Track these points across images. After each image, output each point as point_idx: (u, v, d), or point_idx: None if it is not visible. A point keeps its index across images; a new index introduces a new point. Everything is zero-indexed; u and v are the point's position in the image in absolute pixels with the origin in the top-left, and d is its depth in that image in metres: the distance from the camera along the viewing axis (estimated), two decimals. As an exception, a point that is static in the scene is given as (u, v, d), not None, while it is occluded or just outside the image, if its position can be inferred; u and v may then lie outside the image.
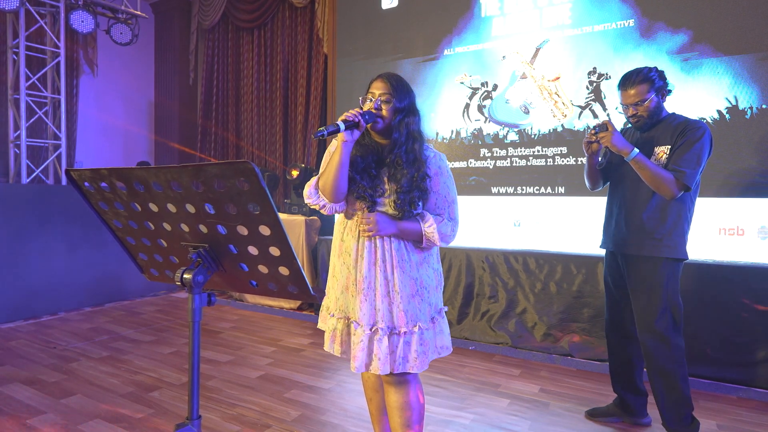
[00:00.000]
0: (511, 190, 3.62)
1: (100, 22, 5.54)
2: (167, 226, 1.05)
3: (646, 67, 1.98)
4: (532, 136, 3.56)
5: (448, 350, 1.58)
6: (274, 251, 0.96)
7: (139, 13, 5.79)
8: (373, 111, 1.48)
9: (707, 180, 2.72)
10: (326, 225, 4.23)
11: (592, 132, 2.00)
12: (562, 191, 3.42)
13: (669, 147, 1.94)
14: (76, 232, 4.13)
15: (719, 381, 2.58)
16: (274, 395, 2.45)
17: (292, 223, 4.16)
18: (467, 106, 3.85)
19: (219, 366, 2.85)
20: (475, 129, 3.82)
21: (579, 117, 3.38)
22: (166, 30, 6.56)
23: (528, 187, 3.55)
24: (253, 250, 0.99)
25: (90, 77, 6.00)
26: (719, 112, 2.91)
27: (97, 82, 6.08)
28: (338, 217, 1.65)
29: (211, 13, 6.03)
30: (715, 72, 2.93)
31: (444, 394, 2.48)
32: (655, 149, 1.98)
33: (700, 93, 2.95)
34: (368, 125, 1.49)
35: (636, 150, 1.90)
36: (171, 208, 1.00)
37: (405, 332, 1.47)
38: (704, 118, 2.92)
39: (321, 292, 4.56)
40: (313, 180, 1.55)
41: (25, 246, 3.83)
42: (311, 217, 4.19)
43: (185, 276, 0.99)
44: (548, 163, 3.48)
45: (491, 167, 3.72)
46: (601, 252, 2.12)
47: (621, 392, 2.18)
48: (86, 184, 1.07)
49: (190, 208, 0.97)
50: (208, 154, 6.18)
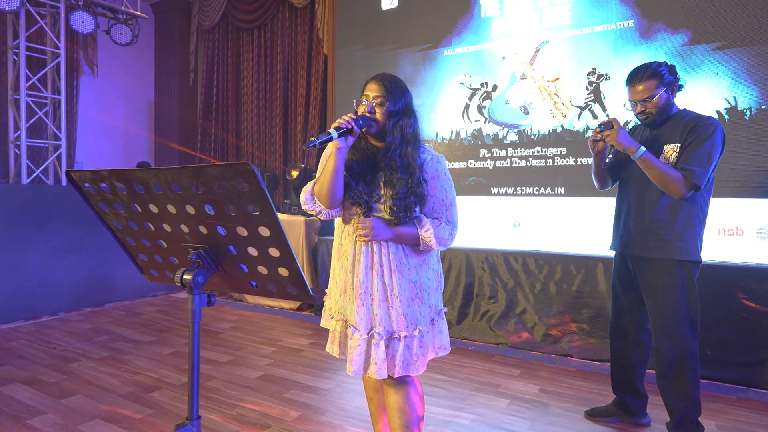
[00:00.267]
0: (510, 190, 3.63)
1: (100, 23, 5.55)
2: (167, 227, 1.05)
3: (655, 62, 1.90)
4: (532, 137, 3.56)
5: (446, 350, 1.57)
6: (274, 252, 0.97)
7: (139, 13, 5.79)
8: (367, 115, 1.45)
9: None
10: (326, 225, 4.24)
11: (598, 130, 1.93)
12: (562, 192, 3.42)
13: (679, 145, 1.86)
14: (77, 233, 4.13)
15: (718, 381, 2.59)
16: (273, 395, 2.45)
17: (292, 224, 4.16)
18: (467, 106, 3.86)
19: (219, 366, 2.85)
20: (474, 129, 3.82)
21: (578, 117, 3.38)
22: (166, 30, 6.57)
23: (528, 188, 3.56)
24: (252, 251, 0.99)
25: (90, 78, 6.00)
26: (718, 112, 2.91)
27: (97, 83, 6.09)
28: (338, 219, 1.66)
29: (211, 14, 6.03)
30: (714, 72, 2.94)
31: (443, 394, 2.48)
32: (665, 147, 1.90)
33: (700, 93, 2.95)
34: (365, 130, 1.47)
35: (643, 148, 1.83)
36: (171, 209, 1.00)
37: (405, 336, 1.46)
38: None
39: (320, 293, 4.56)
40: (309, 185, 1.54)
41: (26, 246, 3.83)
42: (311, 218, 4.19)
43: (185, 277, 1.00)
44: (548, 164, 3.48)
45: (491, 168, 3.73)
46: (600, 252, 2.11)
47: (621, 395, 2.17)
48: (86, 185, 1.08)
49: (190, 209, 0.98)
50: (208, 154, 6.18)
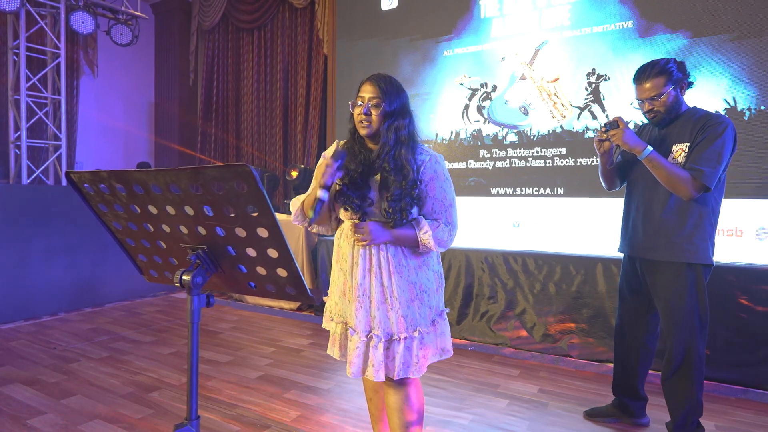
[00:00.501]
0: (510, 191, 3.63)
1: (101, 23, 5.55)
2: (166, 228, 1.05)
3: (663, 59, 1.85)
4: (532, 137, 3.57)
5: (449, 353, 1.55)
6: (272, 253, 0.97)
7: (139, 14, 5.80)
8: (358, 115, 1.46)
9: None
10: (326, 226, 4.23)
11: (603, 130, 1.89)
12: (561, 192, 3.42)
13: (688, 144, 1.80)
14: (77, 233, 4.13)
15: (718, 382, 2.59)
16: (273, 396, 2.45)
17: (292, 224, 4.14)
18: (467, 107, 3.86)
19: (219, 366, 2.86)
20: (474, 130, 3.82)
21: (578, 118, 3.38)
22: (166, 31, 6.57)
23: (527, 188, 3.56)
24: (251, 252, 0.99)
25: (90, 78, 6.01)
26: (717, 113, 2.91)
27: (98, 83, 6.09)
28: None
29: (211, 14, 6.04)
30: (713, 73, 2.94)
31: (443, 394, 2.49)
32: (673, 147, 1.85)
33: (699, 94, 2.95)
34: (361, 133, 1.48)
35: (649, 148, 1.78)
36: (170, 210, 1.00)
37: (405, 338, 1.45)
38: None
39: (319, 294, 4.55)
40: (298, 203, 1.57)
41: (26, 246, 3.84)
42: (311, 218, 4.19)
43: (184, 277, 1.00)
44: (547, 164, 3.49)
45: (490, 168, 3.73)
46: (600, 253, 2.10)
47: (621, 396, 2.16)
48: (86, 186, 1.08)
49: (189, 210, 0.98)
50: (208, 155, 6.19)
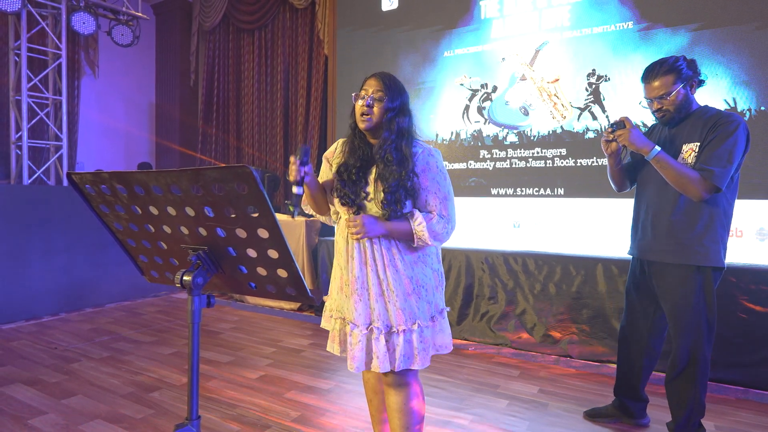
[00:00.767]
0: (510, 191, 3.63)
1: (102, 24, 5.56)
2: (167, 229, 1.06)
3: (672, 57, 1.81)
4: (532, 138, 3.57)
5: (446, 349, 1.57)
6: (273, 254, 0.97)
7: (140, 14, 5.81)
8: (361, 107, 1.49)
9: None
10: (326, 226, 4.24)
11: (609, 130, 1.86)
12: (562, 192, 3.43)
13: (698, 144, 1.76)
14: (77, 233, 4.14)
15: (718, 382, 2.58)
16: (274, 396, 2.46)
17: (293, 225, 4.17)
18: (467, 107, 3.86)
19: (219, 366, 2.86)
20: (474, 130, 3.83)
21: (578, 119, 3.38)
22: (167, 31, 6.58)
23: (527, 189, 3.56)
24: (251, 253, 1.00)
25: (91, 79, 6.02)
26: (718, 113, 2.91)
27: (99, 84, 6.10)
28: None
29: (211, 15, 6.05)
30: (713, 74, 2.94)
31: (443, 394, 2.49)
32: (683, 147, 1.80)
33: (699, 94, 2.92)
34: (361, 126, 1.51)
35: (657, 148, 1.74)
36: (171, 211, 1.01)
37: (404, 330, 1.47)
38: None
39: (319, 294, 4.55)
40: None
41: (27, 246, 3.85)
42: (312, 219, 4.19)
43: (185, 278, 1.00)
44: (547, 165, 3.49)
45: (491, 168, 3.73)
46: (600, 253, 2.11)
47: (622, 398, 2.16)
48: (87, 187, 1.08)
49: (190, 211, 0.98)
50: (208, 155, 6.19)
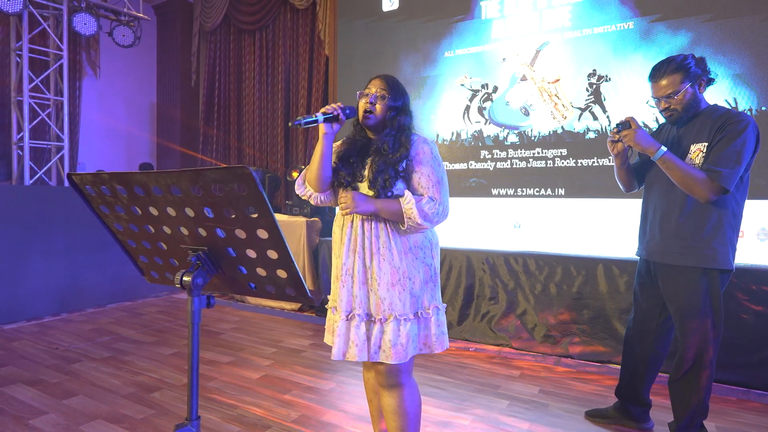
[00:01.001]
0: (511, 191, 3.63)
1: (103, 25, 5.57)
2: (167, 230, 1.06)
3: (680, 55, 1.80)
4: (532, 138, 3.57)
5: (433, 349, 1.52)
6: (272, 254, 0.98)
7: (141, 15, 5.82)
8: (365, 104, 1.53)
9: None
10: (327, 226, 4.24)
11: (615, 130, 1.85)
12: (562, 193, 3.43)
13: (706, 144, 1.73)
14: (79, 234, 4.15)
15: (719, 383, 2.58)
16: (274, 396, 2.46)
17: (294, 225, 4.17)
18: (467, 108, 3.86)
19: (220, 367, 2.86)
20: (475, 131, 3.83)
21: (579, 119, 3.38)
22: (168, 32, 6.59)
23: (528, 189, 3.56)
24: (251, 253, 1.00)
25: (92, 79, 6.03)
26: (719, 113, 2.90)
27: (100, 84, 6.11)
28: (338, 210, 1.69)
29: (212, 15, 6.06)
30: (714, 74, 2.92)
31: (443, 395, 2.49)
32: (691, 147, 1.77)
33: (700, 95, 2.95)
34: (364, 122, 1.55)
35: (663, 148, 1.72)
36: (171, 211, 1.01)
37: (380, 319, 1.47)
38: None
39: (320, 294, 4.54)
40: (303, 171, 1.64)
41: (28, 247, 3.85)
42: (312, 219, 4.20)
43: (185, 278, 1.00)
44: (548, 165, 3.49)
45: (491, 169, 3.73)
46: (601, 254, 2.10)
47: (624, 401, 2.14)
48: (88, 188, 1.09)
49: (190, 212, 0.99)
50: (209, 156, 6.20)
